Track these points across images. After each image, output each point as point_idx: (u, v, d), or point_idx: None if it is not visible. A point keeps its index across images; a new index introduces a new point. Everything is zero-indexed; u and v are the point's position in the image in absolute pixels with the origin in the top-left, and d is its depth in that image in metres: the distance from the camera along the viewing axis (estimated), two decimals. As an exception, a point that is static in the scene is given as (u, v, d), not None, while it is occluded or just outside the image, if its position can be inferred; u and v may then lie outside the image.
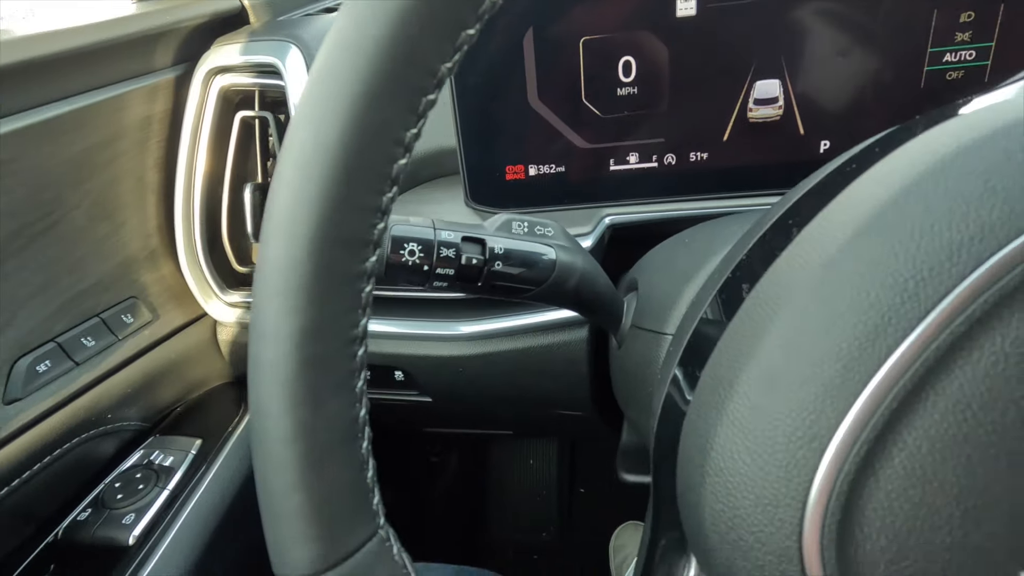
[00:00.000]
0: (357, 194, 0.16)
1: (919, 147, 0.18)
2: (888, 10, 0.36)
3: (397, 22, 0.15)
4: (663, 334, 0.32)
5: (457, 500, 0.90)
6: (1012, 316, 0.14)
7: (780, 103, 0.39)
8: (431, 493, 0.88)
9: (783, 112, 0.39)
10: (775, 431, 0.16)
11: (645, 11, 0.38)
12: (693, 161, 0.42)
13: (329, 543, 0.18)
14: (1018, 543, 0.15)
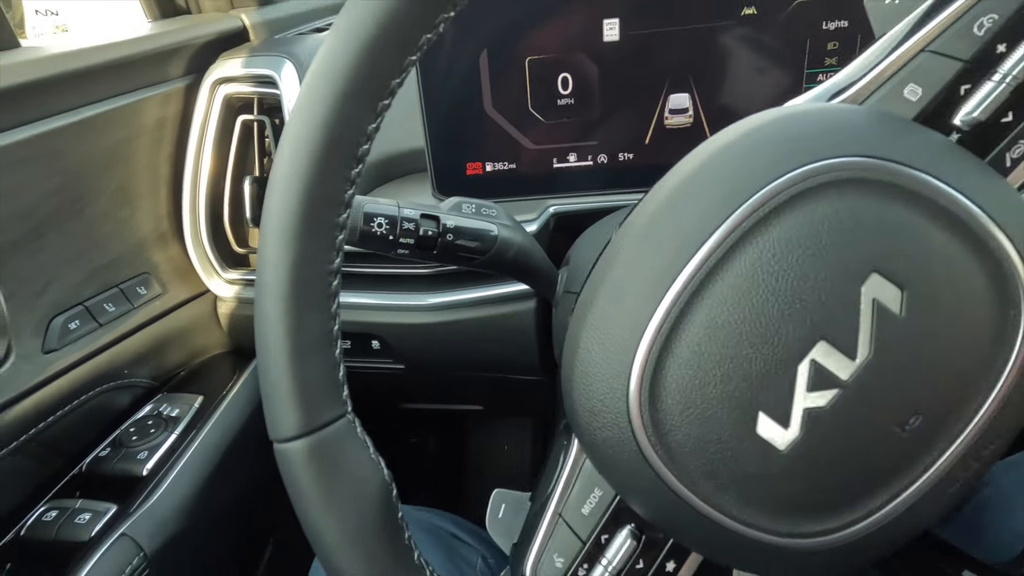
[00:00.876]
0: (334, 167, 0.24)
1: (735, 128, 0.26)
2: (772, 39, 0.45)
3: (359, 56, 0.23)
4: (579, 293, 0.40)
5: (436, 481, 0.97)
6: (760, 238, 0.22)
7: (690, 113, 0.48)
8: (412, 474, 0.95)
9: (693, 120, 0.48)
10: (616, 329, 0.24)
11: (578, 36, 0.46)
12: (622, 160, 0.50)
13: (308, 416, 0.26)
14: (758, 395, 0.22)
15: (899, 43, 0.24)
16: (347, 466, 0.26)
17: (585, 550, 0.27)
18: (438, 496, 0.96)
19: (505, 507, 0.33)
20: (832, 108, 0.24)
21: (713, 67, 0.46)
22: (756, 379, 0.22)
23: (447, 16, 0.24)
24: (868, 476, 0.23)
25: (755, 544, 0.24)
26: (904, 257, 0.21)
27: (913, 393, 0.22)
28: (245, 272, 0.56)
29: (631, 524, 0.27)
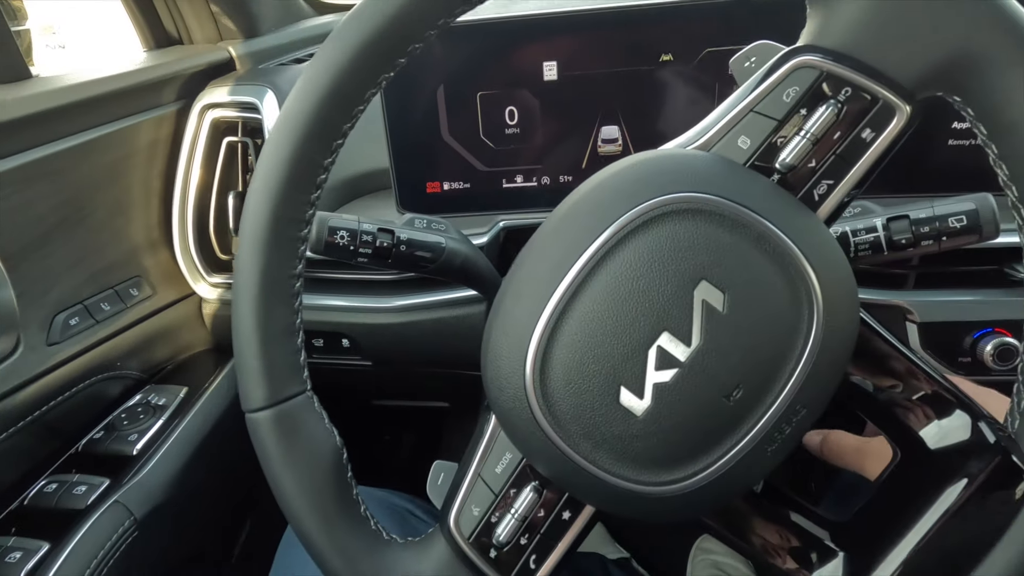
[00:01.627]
0: (297, 192, 0.31)
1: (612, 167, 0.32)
2: (686, 81, 0.52)
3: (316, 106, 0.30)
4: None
5: (407, 473, 1.03)
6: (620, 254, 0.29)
7: (619, 142, 0.55)
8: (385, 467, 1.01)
9: (622, 149, 0.55)
10: (516, 323, 0.31)
11: (522, 76, 0.54)
12: (562, 181, 0.57)
13: (273, 391, 0.32)
14: (619, 373, 0.29)
15: (736, 104, 0.31)
16: (305, 432, 0.32)
17: (497, 501, 0.33)
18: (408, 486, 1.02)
19: (443, 475, 0.39)
20: (683, 154, 0.31)
21: (638, 103, 0.54)
22: (618, 360, 0.29)
23: (388, 76, 0.31)
24: (704, 436, 0.29)
25: (624, 492, 0.30)
26: (726, 269, 0.28)
27: (735, 371, 0.29)
28: (228, 276, 0.62)
29: (535, 481, 0.33)
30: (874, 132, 0.29)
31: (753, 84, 0.31)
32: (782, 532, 0.34)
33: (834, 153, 0.30)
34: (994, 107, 0.28)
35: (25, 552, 0.41)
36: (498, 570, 0.33)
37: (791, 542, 0.34)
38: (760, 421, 0.29)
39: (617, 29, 0.52)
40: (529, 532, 0.33)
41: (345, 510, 0.33)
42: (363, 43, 0.29)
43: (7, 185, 0.44)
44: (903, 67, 0.28)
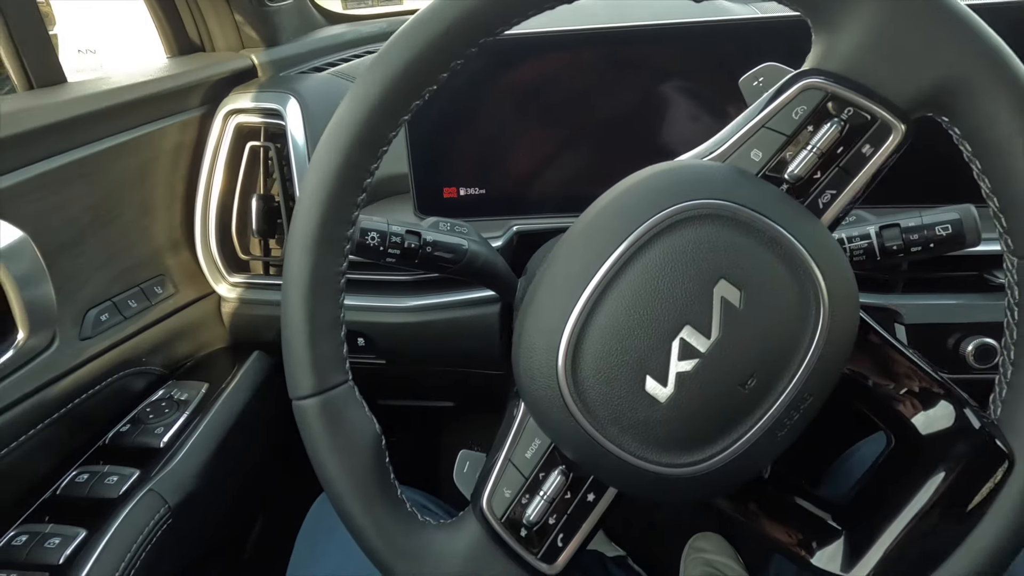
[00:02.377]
0: (346, 195, 0.33)
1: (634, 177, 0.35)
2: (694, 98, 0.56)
3: (365, 116, 0.32)
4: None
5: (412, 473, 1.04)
6: (647, 254, 0.31)
7: (629, 154, 0.58)
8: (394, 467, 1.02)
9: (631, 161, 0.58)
10: (549, 316, 0.33)
11: (536, 89, 0.57)
12: (573, 189, 0.60)
13: (319, 380, 0.34)
14: (645, 362, 0.32)
15: (748, 120, 0.34)
16: (348, 419, 0.35)
17: (527, 484, 0.36)
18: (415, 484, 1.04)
19: (469, 464, 0.41)
20: (700, 164, 0.34)
21: (646, 117, 0.57)
22: (644, 351, 0.32)
23: (432, 88, 0.34)
24: (721, 421, 0.32)
25: (647, 474, 0.33)
26: (743, 268, 0.31)
27: (750, 362, 0.31)
28: (246, 276, 0.64)
29: (562, 465, 0.36)
30: (873, 148, 0.33)
31: (764, 102, 0.34)
32: (787, 514, 0.37)
33: (837, 166, 0.33)
34: (977, 127, 0.31)
35: (64, 538, 0.42)
36: (528, 548, 0.35)
37: (796, 523, 0.37)
38: (772, 407, 0.32)
39: (631, 46, 0.55)
40: (557, 513, 0.35)
41: (384, 493, 0.35)
42: (412, 59, 0.32)
43: (46, 186, 0.46)
44: (899, 90, 0.32)
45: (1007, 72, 0.30)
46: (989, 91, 0.30)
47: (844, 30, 0.32)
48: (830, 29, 0.33)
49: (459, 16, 0.32)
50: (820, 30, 0.33)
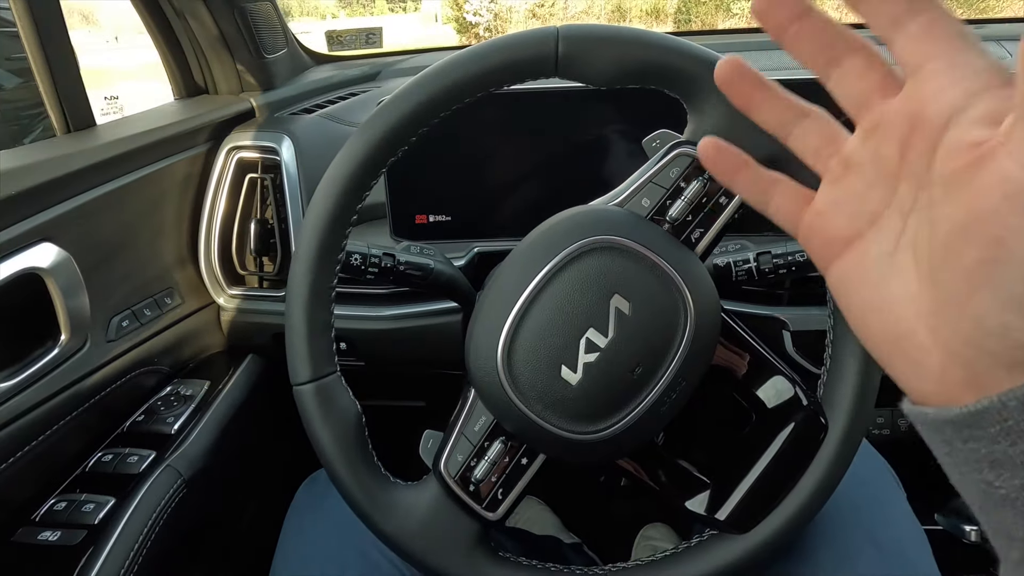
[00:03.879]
0: (338, 229, 0.44)
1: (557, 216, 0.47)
2: (611, 150, 0.68)
3: (353, 171, 0.43)
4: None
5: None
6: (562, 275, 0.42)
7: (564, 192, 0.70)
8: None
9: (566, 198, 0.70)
10: (492, 319, 0.44)
11: (494, 135, 0.68)
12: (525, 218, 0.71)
13: (315, 370, 0.44)
14: (561, 355, 0.42)
15: (642, 176, 0.46)
16: (337, 401, 0.45)
17: (475, 450, 0.46)
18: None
19: (432, 440, 0.51)
20: (605, 209, 0.46)
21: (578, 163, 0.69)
22: (560, 347, 0.42)
23: (405, 148, 0.44)
24: (617, 399, 0.42)
25: (564, 440, 0.43)
26: (631, 286, 0.42)
27: (636, 354, 0.42)
28: (243, 289, 0.73)
29: (503, 436, 0.46)
30: (728, 198, 0.44)
31: (653, 163, 0.46)
32: (672, 471, 0.48)
33: (703, 211, 0.45)
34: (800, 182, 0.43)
35: (97, 504, 0.51)
36: (475, 499, 0.45)
37: (680, 479, 0.48)
38: (655, 389, 0.43)
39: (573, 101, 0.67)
40: (498, 473, 0.45)
41: (364, 458, 0.45)
42: (389, 128, 0.43)
43: (84, 215, 0.55)
44: None
45: None
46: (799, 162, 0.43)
47: (707, 114, 0.44)
48: (698, 113, 0.44)
49: (423, 99, 0.43)
50: (692, 113, 0.45)
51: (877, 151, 0.22)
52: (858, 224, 0.23)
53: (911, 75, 0.20)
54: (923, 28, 0.19)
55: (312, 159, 0.71)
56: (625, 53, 0.42)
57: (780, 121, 0.26)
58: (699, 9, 10.81)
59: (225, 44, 0.74)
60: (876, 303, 0.22)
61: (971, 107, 0.18)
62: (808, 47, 0.22)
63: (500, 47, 0.42)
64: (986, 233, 0.17)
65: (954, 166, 0.19)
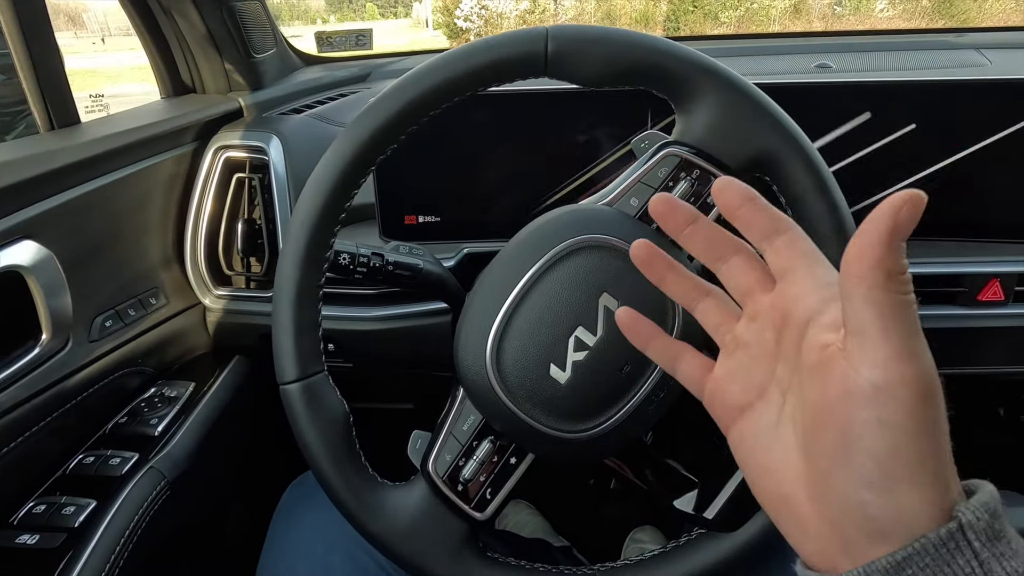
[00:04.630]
0: (325, 228, 0.43)
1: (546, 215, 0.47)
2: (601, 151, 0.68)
3: (342, 170, 0.43)
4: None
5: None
6: (552, 273, 0.42)
7: (557, 192, 0.70)
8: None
9: (557, 198, 0.70)
10: (480, 319, 0.44)
11: (483, 136, 0.68)
12: (513, 219, 0.71)
13: (302, 369, 0.44)
14: (550, 354, 0.42)
15: (630, 175, 0.46)
16: (324, 400, 0.44)
17: (463, 450, 0.46)
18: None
19: (420, 441, 0.51)
20: (594, 208, 0.46)
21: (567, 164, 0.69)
22: (548, 346, 0.42)
23: (394, 146, 0.44)
24: (605, 398, 0.43)
25: (553, 438, 0.43)
26: (620, 284, 0.43)
27: (625, 352, 0.42)
28: (230, 290, 0.73)
29: (491, 436, 0.46)
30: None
31: (641, 163, 0.46)
32: (660, 470, 0.48)
33: None
34: (786, 184, 0.44)
35: (77, 507, 0.50)
36: (464, 499, 0.45)
37: (666, 476, 0.48)
38: (643, 387, 0.43)
39: (561, 103, 0.68)
40: (486, 472, 0.45)
41: (351, 458, 0.45)
42: (377, 127, 0.43)
43: (68, 213, 0.54)
44: (731, 157, 0.44)
45: (800, 145, 0.43)
46: (789, 158, 0.43)
47: (695, 115, 0.44)
48: (686, 114, 0.45)
49: (413, 97, 0.43)
50: (680, 113, 0.45)
51: (760, 334, 0.26)
52: (749, 395, 0.27)
53: (779, 278, 0.25)
54: (786, 243, 0.25)
55: (301, 159, 0.70)
56: (615, 53, 0.43)
57: (686, 297, 0.31)
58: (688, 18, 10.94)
59: (213, 43, 0.74)
60: (767, 466, 0.25)
61: (823, 313, 0.23)
62: (700, 246, 0.28)
63: (490, 46, 0.42)
64: (837, 421, 0.21)
65: (812, 360, 0.23)
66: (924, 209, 0.20)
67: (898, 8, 11.60)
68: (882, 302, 0.20)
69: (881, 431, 0.20)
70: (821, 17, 11.73)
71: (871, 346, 0.20)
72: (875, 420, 0.20)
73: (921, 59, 0.87)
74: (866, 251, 0.20)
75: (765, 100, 0.44)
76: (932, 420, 0.20)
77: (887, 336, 0.20)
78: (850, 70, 0.85)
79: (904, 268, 0.20)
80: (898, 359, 0.20)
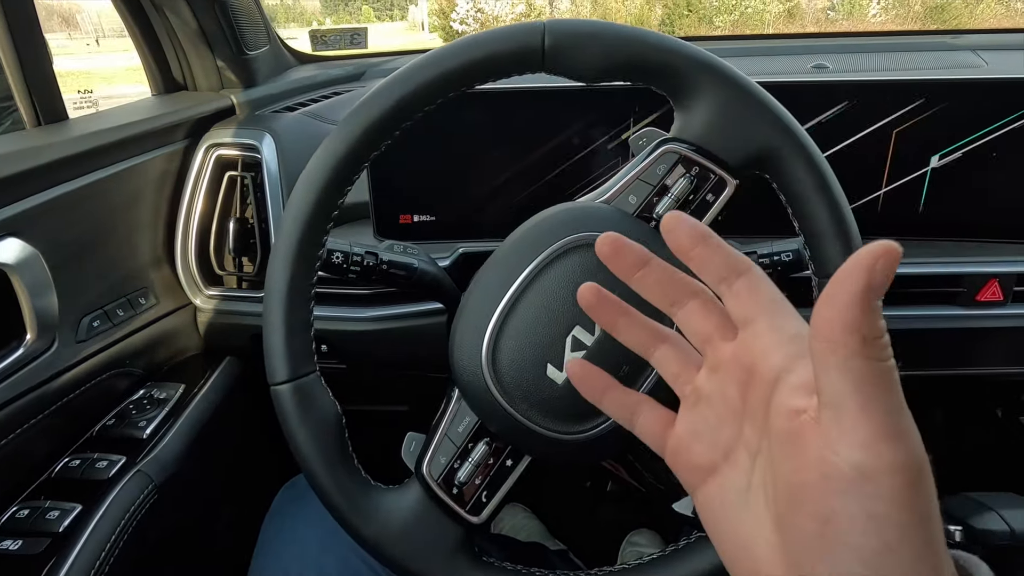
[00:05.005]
0: (318, 225, 0.42)
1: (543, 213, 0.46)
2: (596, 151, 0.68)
3: (334, 167, 0.42)
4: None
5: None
6: (549, 271, 0.42)
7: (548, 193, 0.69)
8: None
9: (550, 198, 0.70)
10: (476, 319, 0.43)
11: (478, 135, 0.67)
12: (508, 218, 0.70)
13: (293, 369, 0.43)
14: (547, 354, 0.42)
15: (628, 173, 0.46)
16: (315, 401, 0.43)
17: (459, 452, 0.45)
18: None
19: (414, 443, 0.50)
20: (591, 205, 0.45)
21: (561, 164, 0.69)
22: (545, 346, 0.42)
23: (388, 142, 0.43)
24: None
25: (550, 440, 0.42)
26: (618, 282, 0.42)
27: (623, 353, 0.42)
28: (222, 290, 0.71)
29: (487, 438, 0.45)
30: (714, 196, 0.44)
31: (640, 160, 0.46)
32: (658, 473, 0.48)
33: (690, 209, 0.45)
34: (786, 182, 0.43)
35: (62, 511, 0.49)
36: (459, 502, 0.44)
37: (664, 479, 0.47)
38: (641, 388, 0.42)
39: (554, 102, 0.67)
40: (482, 475, 0.44)
41: (344, 460, 0.44)
42: (370, 123, 0.42)
43: (55, 210, 0.53)
44: (731, 155, 0.43)
45: (802, 143, 0.42)
46: (791, 156, 0.42)
47: (695, 111, 0.44)
48: (685, 110, 0.44)
49: (406, 92, 0.42)
50: (679, 110, 0.45)
51: (722, 389, 0.24)
52: (714, 455, 0.24)
53: (741, 327, 0.23)
54: (746, 288, 0.22)
55: (294, 157, 0.69)
56: (612, 48, 0.42)
57: (640, 343, 0.29)
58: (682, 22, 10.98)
59: (205, 39, 0.73)
60: (737, 537, 0.23)
61: (791, 372, 0.21)
62: (653, 290, 0.26)
63: (487, 40, 0.42)
64: (815, 508, 0.19)
65: (782, 428, 0.20)
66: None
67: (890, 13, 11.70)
68: (860, 371, 0.17)
69: (867, 526, 0.17)
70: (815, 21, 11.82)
71: (850, 423, 0.18)
72: (861, 513, 0.17)
73: (918, 60, 0.87)
74: (838, 314, 0.17)
75: (767, 97, 0.43)
76: (924, 510, 0.18)
77: (867, 412, 0.17)
78: (847, 70, 0.85)
79: (882, 331, 0.18)
80: (882, 440, 0.17)
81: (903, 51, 0.93)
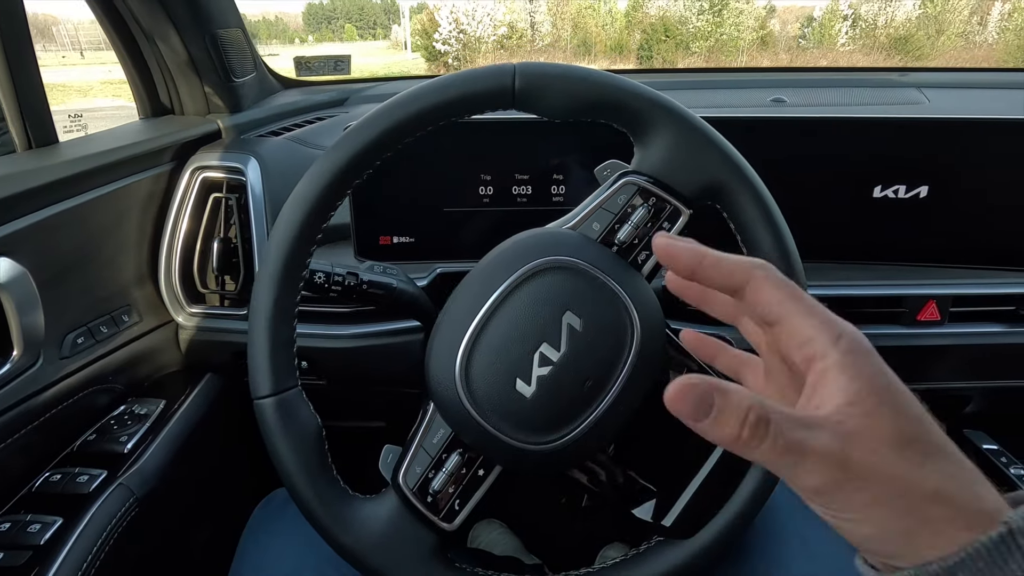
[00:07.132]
0: (302, 249, 0.45)
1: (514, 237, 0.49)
2: (568, 179, 0.72)
3: (318, 194, 0.45)
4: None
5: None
6: (518, 292, 0.45)
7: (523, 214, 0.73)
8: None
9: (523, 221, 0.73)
10: (450, 336, 0.46)
11: (455, 161, 0.71)
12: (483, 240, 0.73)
13: (276, 384, 0.45)
14: (516, 369, 0.45)
15: (593, 201, 0.49)
16: (297, 414, 0.46)
17: (433, 462, 0.47)
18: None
19: (391, 455, 0.52)
20: (558, 231, 0.49)
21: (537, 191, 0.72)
22: (514, 361, 0.44)
23: (370, 171, 0.47)
24: (569, 411, 0.45)
25: (519, 450, 0.45)
26: (582, 304, 0.45)
27: (587, 368, 0.45)
28: (204, 308, 0.73)
29: (460, 448, 0.48)
30: (670, 224, 0.48)
31: (603, 190, 0.49)
32: (621, 481, 0.50)
33: (648, 235, 0.48)
34: (734, 212, 0.47)
35: (43, 525, 0.50)
36: (432, 510, 0.47)
37: (628, 486, 0.50)
38: (604, 402, 0.45)
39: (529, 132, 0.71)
40: (455, 484, 0.47)
41: (323, 472, 0.46)
42: (356, 152, 0.45)
43: (44, 230, 0.55)
44: (684, 187, 0.47)
45: (747, 177, 0.46)
46: (737, 189, 0.47)
47: (651, 147, 0.48)
48: (643, 146, 0.48)
49: (390, 125, 0.45)
50: (637, 145, 0.49)
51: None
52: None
53: (768, 327, 0.26)
54: (753, 296, 0.26)
55: (278, 180, 0.72)
56: (577, 90, 0.46)
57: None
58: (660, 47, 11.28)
59: (194, 67, 0.75)
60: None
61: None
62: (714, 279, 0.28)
63: (462, 80, 0.45)
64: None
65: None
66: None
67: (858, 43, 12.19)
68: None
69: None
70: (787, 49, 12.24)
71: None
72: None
73: (867, 96, 0.93)
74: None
75: (714, 135, 0.47)
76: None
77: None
78: (803, 104, 0.91)
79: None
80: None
81: (855, 87, 1.00)
